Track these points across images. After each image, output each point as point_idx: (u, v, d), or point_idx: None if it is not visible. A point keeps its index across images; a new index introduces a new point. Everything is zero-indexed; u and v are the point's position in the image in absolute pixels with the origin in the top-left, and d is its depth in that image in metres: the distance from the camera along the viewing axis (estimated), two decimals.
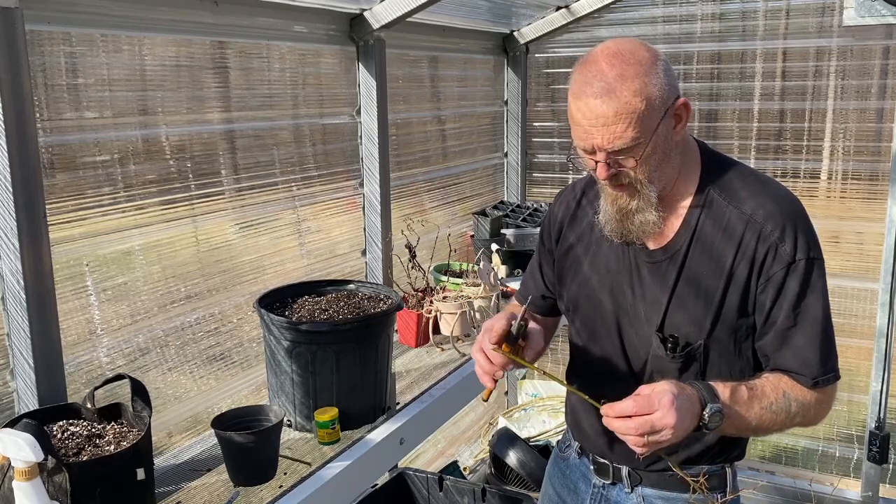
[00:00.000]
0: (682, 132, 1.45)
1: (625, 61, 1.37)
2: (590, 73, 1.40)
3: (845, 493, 3.48)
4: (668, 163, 1.46)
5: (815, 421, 1.52)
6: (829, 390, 1.50)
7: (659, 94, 1.37)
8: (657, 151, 1.42)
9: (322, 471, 1.92)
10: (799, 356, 1.47)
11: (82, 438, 1.62)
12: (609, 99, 1.36)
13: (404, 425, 2.18)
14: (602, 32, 3.77)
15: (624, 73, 1.36)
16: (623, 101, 1.35)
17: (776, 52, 3.53)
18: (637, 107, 1.36)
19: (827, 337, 1.49)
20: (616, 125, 1.37)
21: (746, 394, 1.42)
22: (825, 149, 3.49)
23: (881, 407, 3.26)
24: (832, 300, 1.53)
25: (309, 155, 2.71)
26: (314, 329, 2.05)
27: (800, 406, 1.47)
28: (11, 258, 1.68)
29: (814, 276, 1.47)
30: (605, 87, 1.36)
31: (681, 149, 1.49)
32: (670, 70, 1.42)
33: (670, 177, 1.49)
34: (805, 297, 1.46)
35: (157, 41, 2.11)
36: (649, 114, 1.37)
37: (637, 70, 1.36)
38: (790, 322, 1.46)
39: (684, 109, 1.43)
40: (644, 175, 1.44)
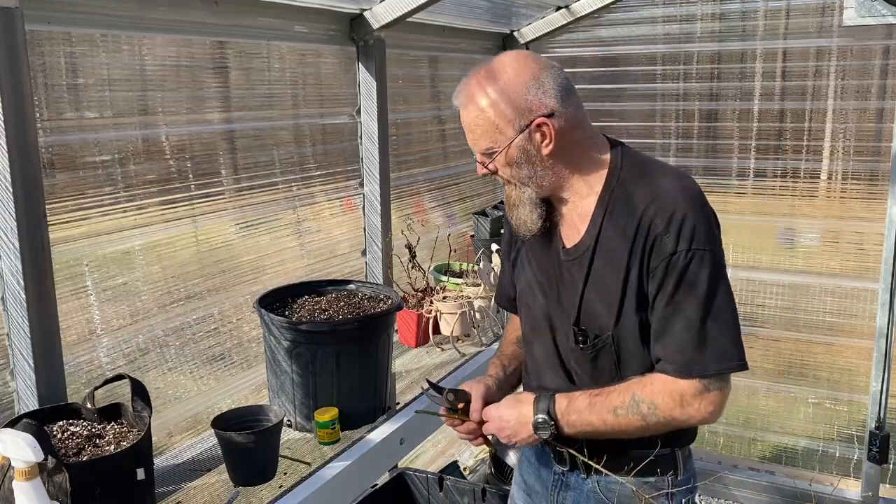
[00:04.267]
0: (550, 147, 1.50)
1: (491, 76, 1.49)
2: (467, 83, 1.53)
3: (845, 493, 3.48)
4: (544, 171, 1.53)
5: (694, 418, 1.49)
6: (705, 384, 1.46)
7: (512, 111, 1.47)
8: (519, 161, 1.51)
9: (322, 471, 1.93)
10: (670, 346, 1.47)
11: (82, 438, 1.62)
12: (465, 109, 1.52)
13: (404, 425, 2.18)
14: (602, 32, 3.77)
15: (482, 88, 1.49)
16: (474, 114, 1.50)
17: (776, 52, 3.52)
18: (484, 120, 1.49)
19: (706, 328, 1.45)
20: (472, 133, 1.53)
21: (587, 401, 1.52)
22: (825, 149, 3.49)
23: (881, 407, 3.25)
24: (833, 300, 1.52)
25: (309, 155, 2.71)
26: (314, 329, 2.05)
27: (651, 406, 1.48)
28: (11, 258, 1.68)
29: (694, 268, 1.44)
30: (467, 96, 1.51)
31: (565, 159, 1.54)
32: (544, 89, 1.47)
33: (554, 183, 1.56)
34: (683, 288, 1.45)
35: (157, 41, 2.11)
36: (498, 129, 1.49)
37: (496, 86, 1.47)
38: (668, 312, 1.46)
39: (548, 129, 1.48)
40: (514, 178, 1.55)
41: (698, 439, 1.70)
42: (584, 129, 1.56)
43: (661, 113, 3.78)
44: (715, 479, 3.69)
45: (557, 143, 1.50)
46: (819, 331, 3.55)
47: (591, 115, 4.16)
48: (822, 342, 3.57)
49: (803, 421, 3.67)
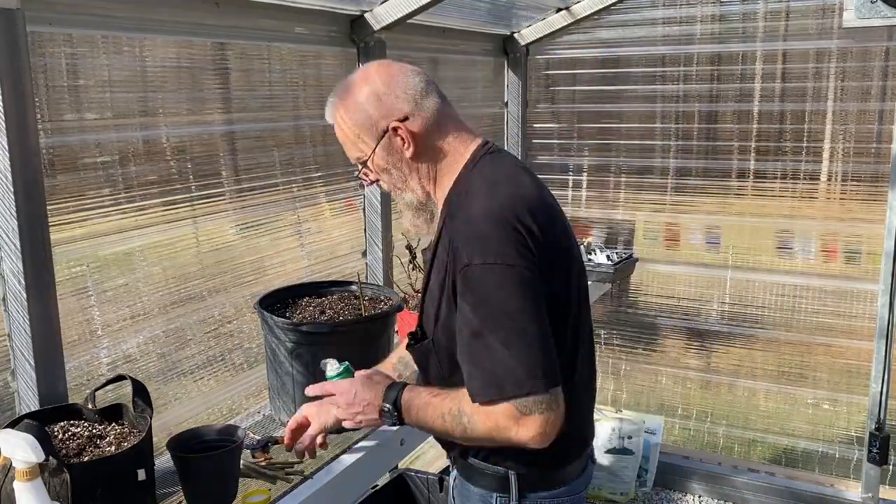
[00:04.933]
0: (412, 150, 1.51)
1: (347, 90, 1.54)
2: (330, 96, 1.58)
3: (845, 495, 3.48)
4: (410, 175, 1.56)
5: (514, 440, 1.37)
6: (518, 408, 1.34)
7: (366, 121, 1.51)
8: (388, 168, 1.55)
9: (322, 472, 1.93)
10: (465, 368, 1.40)
11: (83, 439, 1.62)
12: (334, 124, 1.58)
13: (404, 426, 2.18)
14: (602, 34, 3.77)
15: (341, 102, 1.55)
16: (339, 128, 1.57)
17: (776, 53, 3.53)
18: (348, 132, 1.55)
19: (478, 352, 1.36)
20: (344, 145, 1.59)
21: (425, 400, 1.51)
22: (825, 150, 3.49)
23: (881, 408, 3.25)
24: (833, 301, 1.48)
25: (310, 156, 2.72)
26: (315, 330, 2.06)
27: (469, 421, 1.41)
28: (13, 259, 1.69)
29: (483, 283, 1.35)
30: (330, 114, 1.58)
31: (429, 160, 1.54)
32: (396, 94, 1.51)
33: (419, 186, 1.56)
34: (466, 305, 1.37)
35: (157, 42, 2.12)
36: (361, 138, 1.54)
37: (352, 99, 1.53)
38: (461, 332, 1.40)
39: (404, 132, 1.49)
40: (390, 184, 1.58)
41: (698, 441, 1.68)
42: (446, 130, 1.54)
43: (662, 114, 3.79)
44: (715, 480, 3.69)
45: (417, 147, 1.51)
46: (819, 332, 3.56)
47: (592, 117, 4.13)
48: (822, 343, 3.57)
49: (803, 422, 3.67)
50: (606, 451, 3.71)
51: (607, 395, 4.07)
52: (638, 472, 3.73)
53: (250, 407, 2.40)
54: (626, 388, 4.05)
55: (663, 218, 3.85)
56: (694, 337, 3.88)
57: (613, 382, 4.08)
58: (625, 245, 3.92)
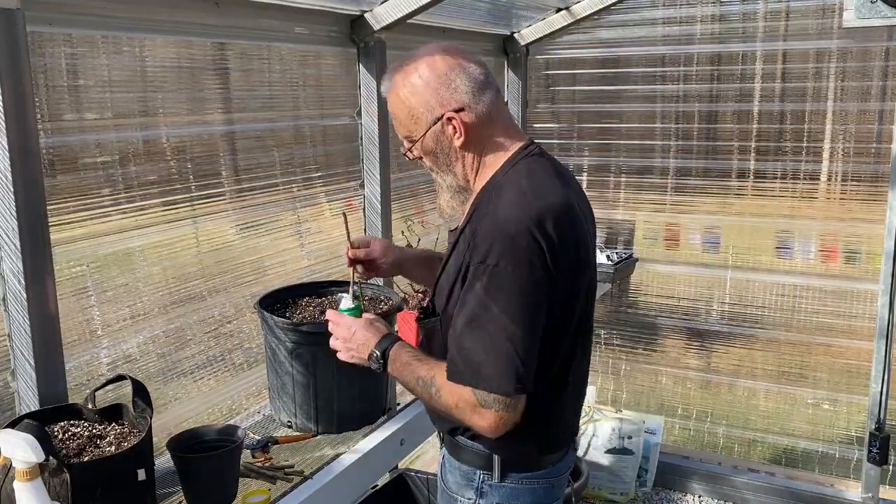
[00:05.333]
0: (462, 140, 1.57)
1: (411, 70, 1.57)
2: (390, 71, 1.62)
3: (845, 495, 3.48)
4: (456, 162, 1.62)
5: (469, 423, 1.50)
6: (480, 398, 1.45)
7: (423, 106, 1.56)
8: (435, 151, 1.61)
9: (322, 472, 1.93)
10: (450, 347, 1.52)
11: (83, 439, 1.62)
12: (388, 98, 1.63)
13: (404, 426, 2.18)
14: (602, 34, 3.77)
15: (403, 80, 1.58)
16: (395, 103, 1.61)
17: (776, 53, 3.53)
18: (403, 109, 1.59)
19: (466, 341, 1.46)
20: (395, 120, 1.64)
21: (408, 359, 1.60)
22: (825, 150, 3.50)
23: (881, 408, 3.25)
24: (832, 301, 1.50)
25: (309, 156, 2.72)
26: (315, 330, 2.05)
27: (437, 392, 1.53)
28: (13, 259, 1.69)
29: (485, 280, 1.44)
30: (389, 86, 1.61)
31: (475, 151, 1.60)
32: (455, 85, 1.55)
33: (462, 173, 1.63)
34: (469, 296, 1.47)
35: (157, 42, 2.11)
36: (414, 119, 1.58)
37: (414, 79, 1.56)
38: (457, 316, 1.50)
39: (458, 123, 1.55)
40: (433, 165, 1.65)
41: (698, 441, 1.70)
42: (496, 125, 1.61)
43: (662, 114, 3.79)
44: (715, 480, 3.69)
45: (468, 137, 1.57)
46: (819, 332, 3.56)
47: (592, 117, 4.14)
48: (822, 343, 3.57)
49: (803, 422, 3.67)
50: (606, 451, 3.71)
51: (607, 395, 4.08)
52: (638, 472, 3.73)
53: (250, 407, 2.40)
54: (626, 388, 4.05)
55: (663, 218, 3.85)
56: (694, 337, 3.88)
57: (613, 382, 4.08)
58: (625, 245, 3.92)
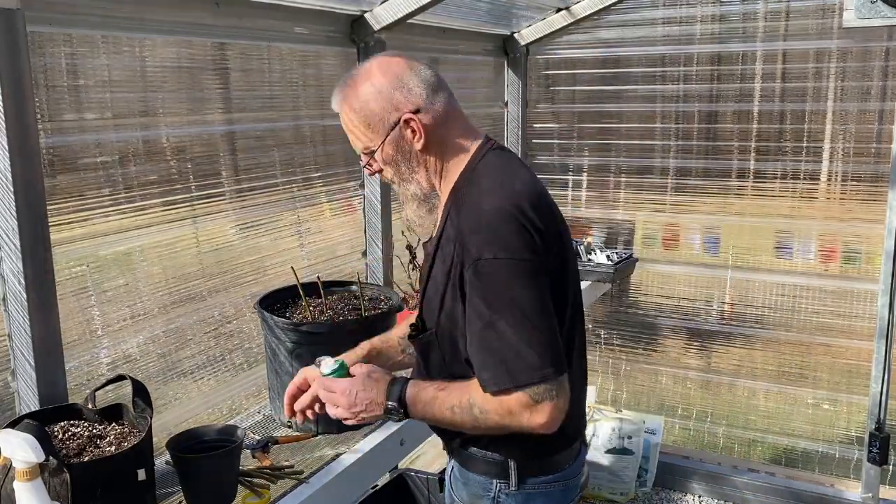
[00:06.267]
0: (422, 142, 1.53)
1: (359, 79, 1.54)
2: (338, 85, 1.58)
3: (845, 495, 3.48)
4: (418, 167, 1.58)
5: (526, 427, 1.43)
6: (531, 396, 1.39)
7: (380, 110, 1.52)
8: (396, 159, 1.56)
9: (322, 472, 1.93)
10: (476, 359, 1.45)
11: (83, 439, 1.62)
12: (340, 113, 1.58)
13: (405, 426, 2.18)
14: (602, 34, 3.77)
15: (352, 91, 1.54)
16: (347, 117, 1.57)
17: (776, 53, 3.53)
18: (357, 122, 1.55)
19: (506, 341, 1.40)
20: (350, 135, 1.59)
21: (432, 394, 1.51)
22: (825, 150, 3.49)
23: (881, 408, 3.25)
24: (832, 301, 1.49)
25: (310, 156, 2.72)
26: (315, 330, 2.06)
27: (482, 411, 1.44)
28: (13, 259, 1.69)
29: (494, 277, 1.40)
30: (339, 101, 1.57)
31: (437, 154, 1.57)
32: (409, 87, 1.52)
33: (426, 178, 1.59)
34: (482, 297, 1.41)
35: (157, 42, 2.12)
36: (371, 128, 1.54)
37: (364, 88, 1.53)
38: (472, 324, 1.44)
39: (416, 124, 1.52)
40: (395, 176, 1.59)
41: (698, 441, 1.70)
42: (454, 125, 1.59)
43: (662, 114, 3.79)
44: (715, 480, 3.69)
45: (427, 138, 1.53)
46: (819, 332, 3.56)
47: (592, 117, 4.14)
48: (822, 343, 3.57)
49: (803, 422, 3.67)
50: (606, 451, 3.71)
51: (607, 395, 4.08)
52: (638, 472, 3.73)
53: (250, 407, 2.40)
54: (626, 388, 4.05)
55: (663, 218, 3.85)
56: (694, 337, 3.88)
57: (613, 382, 4.08)
58: (625, 245, 3.92)
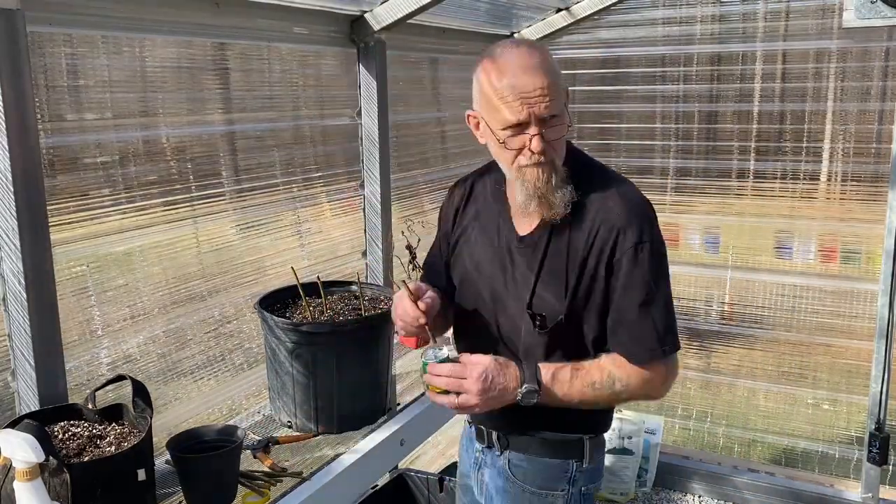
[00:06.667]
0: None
1: (538, 49, 1.58)
2: (519, 55, 1.56)
3: (845, 495, 3.48)
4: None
5: (653, 395, 1.68)
6: (667, 366, 1.61)
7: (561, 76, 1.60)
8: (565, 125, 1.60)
9: (322, 472, 1.93)
10: (628, 336, 1.59)
11: (84, 439, 1.62)
12: (546, 72, 1.55)
13: (404, 426, 2.18)
14: (602, 34, 3.77)
15: (545, 56, 1.57)
16: (553, 76, 1.56)
17: (776, 53, 3.53)
18: (559, 81, 1.57)
19: (656, 318, 1.57)
20: (552, 92, 1.55)
21: (569, 374, 1.59)
22: (825, 150, 3.49)
23: (881, 408, 3.25)
24: (832, 301, 1.53)
25: (310, 156, 2.72)
26: (315, 330, 2.06)
27: (624, 384, 1.60)
28: (13, 259, 1.69)
29: (649, 261, 1.56)
30: (540, 62, 1.55)
31: None
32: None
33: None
34: (638, 279, 1.56)
35: (157, 42, 2.11)
36: (564, 99, 1.59)
37: (549, 55, 1.60)
38: (624, 303, 1.58)
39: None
40: (558, 153, 1.60)
41: (698, 441, 1.73)
42: None
43: (662, 114, 3.79)
44: (715, 480, 3.69)
45: None
46: (819, 332, 3.56)
47: (592, 117, 4.11)
48: (822, 343, 3.57)
49: (803, 422, 3.67)
50: (606, 451, 3.71)
51: None
52: (638, 472, 3.73)
53: (250, 407, 2.40)
54: None
55: (663, 218, 3.82)
56: (694, 337, 3.88)
57: None
58: None
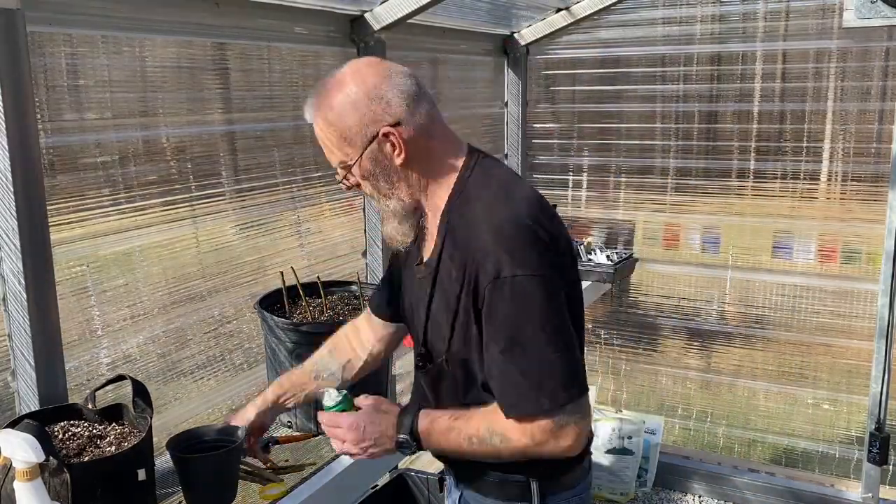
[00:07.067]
0: (402, 157, 1.42)
1: (334, 88, 1.43)
2: (313, 92, 1.47)
3: (845, 495, 3.48)
4: (399, 183, 1.47)
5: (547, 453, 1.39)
6: (556, 421, 1.34)
7: (357, 123, 1.41)
8: (375, 174, 1.45)
9: (322, 472, 1.93)
10: (497, 385, 1.38)
11: (84, 439, 1.62)
12: (314, 124, 1.47)
13: None
14: (602, 34, 3.77)
15: (326, 101, 1.43)
16: (322, 129, 1.46)
17: (776, 53, 3.53)
18: (332, 134, 1.44)
19: (520, 366, 1.34)
20: (325, 147, 1.49)
21: (447, 425, 1.45)
22: (825, 150, 3.50)
23: (881, 408, 3.25)
24: (833, 301, 1.47)
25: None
26: (315, 330, 2.05)
27: (503, 440, 1.39)
28: (13, 259, 1.69)
29: (512, 299, 1.32)
30: (313, 111, 1.46)
31: (420, 168, 1.46)
32: (388, 98, 1.41)
33: (408, 194, 1.48)
34: (502, 318, 1.34)
35: (157, 42, 2.12)
36: (347, 141, 1.43)
37: (340, 98, 1.41)
38: (490, 346, 1.37)
39: (396, 138, 1.41)
40: (375, 191, 1.48)
41: (698, 441, 1.70)
42: (437, 137, 1.47)
43: (662, 114, 3.79)
44: (715, 480, 3.69)
45: (409, 153, 1.42)
46: (819, 332, 3.56)
47: (592, 117, 4.12)
48: (822, 343, 3.57)
49: (803, 422, 3.67)
50: (606, 451, 3.71)
51: (607, 395, 4.07)
52: (638, 472, 3.73)
53: None
54: (626, 388, 4.05)
55: (663, 218, 3.85)
56: (694, 337, 3.88)
57: (613, 382, 4.08)
58: (625, 245, 3.92)
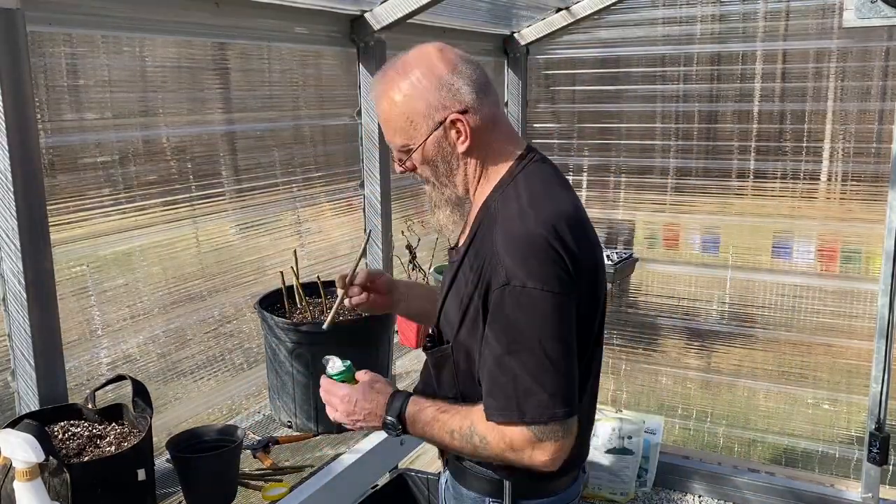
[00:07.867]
0: (467, 144, 1.43)
1: (405, 70, 1.43)
2: (381, 72, 1.47)
3: (845, 495, 3.48)
4: (457, 171, 1.48)
5: (524, 463, 1.38)
6: (535, 433, 1.33)
7: (426, 107, 1.41)
8: (436, 159, 1.46)
9: (322, 472, 1.93)
10: (485, 386, 1.38)
11: (83, 439, 1.62)
12: (379, 103, 1.46)
13: None
14: (602, 34, 3.77)
15: (396, 82, 1.43)
16: (388, 109, 1.45)
17: (776, 53, 3.53)
18: (398, 115, 1.43)
19: (513, 373, 1.33)
20: (387, 128, 1.48)
21: (431, 415, 1.45)
22: (825, 150, 3.49)
23: (881, 408, 3.25)
24: (833, 301, 1.46)
25: (310, 156, 2.72)
26: (315, 330, 2.05)
27: (483, 441, 1.39)
28: (13, 259, 1.69)
29: (517, 307, 1.32)
30: (381, 90, 1.45)
31: (478, 158, 1.47)
32: (458, 85, 1.41)
33: (463, 182, 1.50)
34: (504, 324, 1.34)
35: (157, 42, 2.11)
36: (413, 125, 1.43)
37: (410, 81, 1.41)
38: (486, 348, 1.38)
39: (463, 126, 1.41)
40: (432, 176, 1.50)
41: (698, 441, 1.69)
42: (499, 129, 1.48)
43: (662, 114, 3.79)
44: (715, 480, 3.69)
45: (472, 142, 1.43)
46: (819, 332, 3.56)
47: (592, 117, 4.12)
48: (822, 343, 3.57)
49: (803, 422, 3.67)
50: (606, 451, 3.71)
51: (607, 395, 4.07)
52: (638, 472, 3.73)
53: (250, 407, 2.40)
54: (626, 388, 4.05)
55: (663, 218, 3.85)
56: (694, 337, 3.88)
57: (613, 382, 4.07)
58: (625, 245, 3.92)
